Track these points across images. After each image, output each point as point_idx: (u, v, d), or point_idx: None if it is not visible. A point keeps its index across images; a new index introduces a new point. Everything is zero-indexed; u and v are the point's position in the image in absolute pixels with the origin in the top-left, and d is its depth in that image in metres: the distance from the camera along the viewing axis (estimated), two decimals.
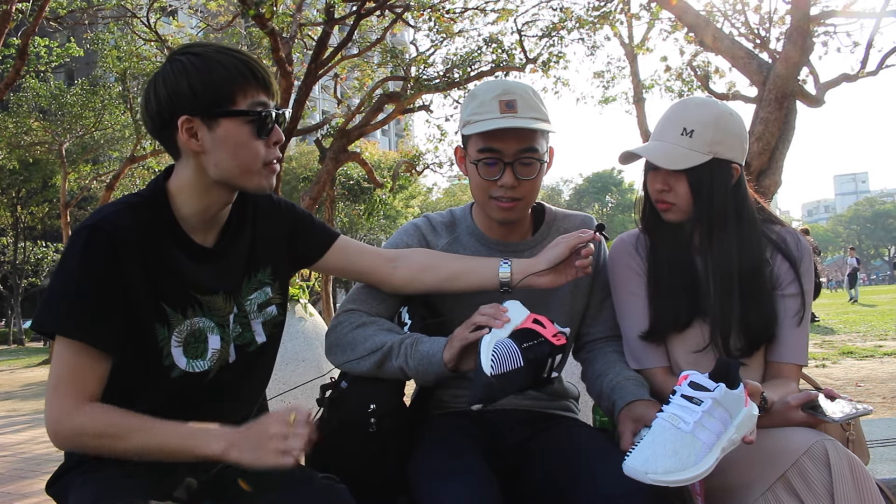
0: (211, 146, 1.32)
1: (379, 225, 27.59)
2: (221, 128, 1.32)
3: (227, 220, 1.47)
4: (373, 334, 1.59)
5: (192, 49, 1.34)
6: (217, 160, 1.33)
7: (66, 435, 1.26)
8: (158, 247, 1.34)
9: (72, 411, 1.25)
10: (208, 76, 1.30)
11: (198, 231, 1.40)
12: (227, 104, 1.31)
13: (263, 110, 1.34)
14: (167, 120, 1.32)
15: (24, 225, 26.69)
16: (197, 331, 1.38)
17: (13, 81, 9.84)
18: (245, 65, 1.32)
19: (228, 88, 1.31)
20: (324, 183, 12.03)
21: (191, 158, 1.35)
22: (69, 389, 1.26)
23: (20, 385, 11.02)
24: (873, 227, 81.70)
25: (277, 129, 1.38)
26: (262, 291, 1.50)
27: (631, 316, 1.71)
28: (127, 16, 13.32)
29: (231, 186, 1.38)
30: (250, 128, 1.33)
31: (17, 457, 4.90)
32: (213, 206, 1.40)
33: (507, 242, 1.73)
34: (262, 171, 1.37)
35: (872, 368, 6.83)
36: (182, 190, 1.37)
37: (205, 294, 1.39)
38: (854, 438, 1.66)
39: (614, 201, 60.58)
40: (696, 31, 7.56)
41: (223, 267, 1.44)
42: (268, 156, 1.37)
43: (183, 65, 1.31)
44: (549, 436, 1.64)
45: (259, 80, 1.34)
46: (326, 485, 1.33)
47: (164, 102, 1.31)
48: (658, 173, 1.64)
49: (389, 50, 12.72)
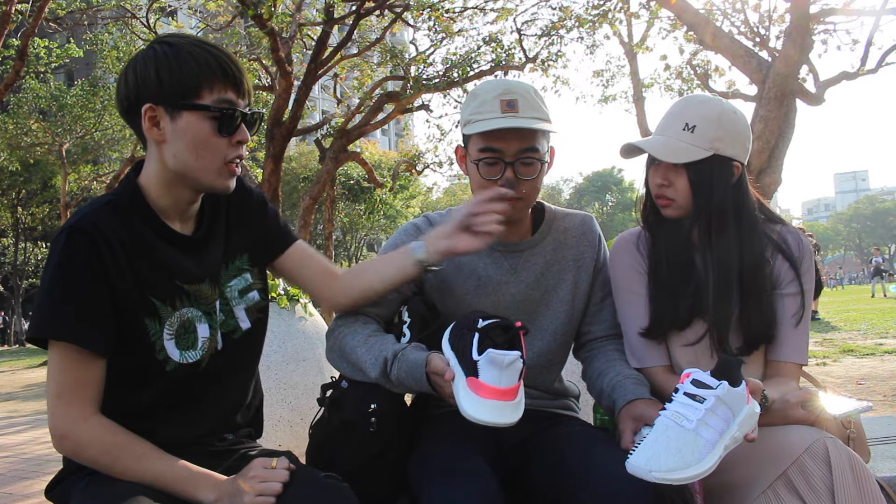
0: (171, 137, 1.32)
1: (379, 224, 27.61)
2: (183, 120, 1.31)
3: (201, 208, 1.47)
4: (365, 352, 1.56)
5: (169, 39, 1.34)
6: (176, 151, 1.33)
7: (70, 446, 1.28)
8: (140, 240, 1.34)
9: (79, 422, 1.26)
10: (177, 67, 1.30)
11: (174, 220, 1.41)
12: (192, 97, 1.31)
13: (228, 108, 1.33)
14: (133, 105, 1.32)
15: (24, 226, 26.72)
16: (186, 321, 1.39)
17: (13, 82, 9.85)
18: (216, 60, 1.32)
19: (194, 82, 1.30)
20: (324, 183, 12.04)
21: (153, 148, 1.35)
22: (72, 398, 1.26)
23: (21, 386, 11.02)
24: (873, 225, 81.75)
25: (243, 129, 1.37)
26: (242, 278, 1.50)
27: (632, 314, 1.70)
28: (126, 16, 13.31)
29: (190, 182, 1.37)
30: (212, 124, 1.32)
31: (18, 458, 4.90)
32: (181, 199, 1.40)
33: (507, 242, 1.73)
34: (221, 170, 1.36)
35: (873, 366, 6.82)
36: (150, 182, 1.38)
37: (191, 283, 1.40)
38: (855, 436, 1.65)
39: (614, 200, 60.56)
40: (696, 30, 7.56)
41: (204, 254, 1.44)
42: (228, 155, 1.36)
43: (155, 53, 1.31)
44: (549, 435, 1.64)
45: (228, 78, 1.33)
46: (330, 483, 1.33)
47: (131, 87, 1.32)
48: (658, 168, 1.65)
49: (389, 49, 12.72)
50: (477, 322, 1.40)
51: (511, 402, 1.33)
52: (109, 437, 1.27)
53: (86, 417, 1.27)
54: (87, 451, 1.27)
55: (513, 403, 1.33)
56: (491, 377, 1.32)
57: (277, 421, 3.48)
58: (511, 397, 1.33)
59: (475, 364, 1.33)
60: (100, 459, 1.27)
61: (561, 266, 1.75)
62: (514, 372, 1.34)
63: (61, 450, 1.30)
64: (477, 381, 1.32)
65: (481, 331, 1.37)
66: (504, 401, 1.32)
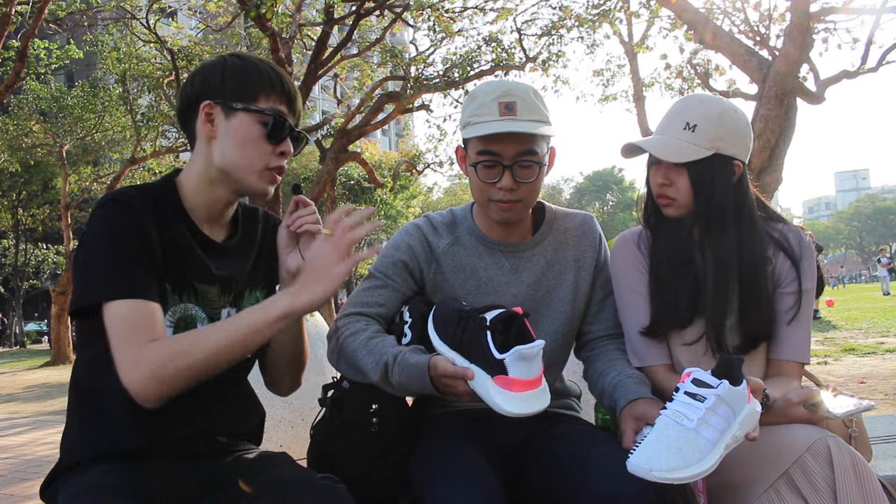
0: (222, 133, 1.41)
1: (379, 225, 27.61)
2: (237, 119, 1.40)
3: (237, 222, 1.53)
4: (365, 355, 1.54)
5: (239, 53, 1.48)
6: (223, 148, 1.41)
7: (145, 375, 1.25)
8: (168, 226, 1.39)
9: (139, 354, 1.26)
10: (242, 73, 1.42)
11: (203, 222, 1.46)
12: (249, 100, 1.41)
13: (279, 116, 1.42)
14: (193, 103, 1.42)
15: (24, 227, 26.71)
16: (188, 317, 1.40)
17: (13, 84, 9.86)
18: (278, 76, 1.45)
19: (254, 88, 1.41)
20: (324, 183, 12.05)
21: (203, 144, 1.43)
22: (131, 340, 1.27)
23: (22, 387, 11.03)
24: (874, 223, 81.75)
25: (288, 141, 1.45)
26: None
27: (633, 313, 1.70)
28: (126, 17, 13.33)
29: (231, 181, 1.43)
30: (262, 128, 1.41)
31: (19, 459, 4.90)
32: (218, 201, 1.46)
33: (508, 242, 1.73)
34: (262, 174, 1.44)
35: (875, 365, 6.82)
36: (190, 179, 1.45)
37: (202, 282, 1.43)
38: (856, 435, 1.65)
39: (615, 199, 60.59)
40: (696, 29, 7.55)
41: (226, 264, 1.47)
42: (271, 162, 1.44)
43: (224, 60, 1.44)
44: (551, 435, 1.64)
45: (284, 93, 1.44)
46: (325, 485, 1.33)
47: (196, 87, 1.43)
48: (660, 167, 1.64)
49: (389, 50, 12.74)
50: (484, 319, 1.41)
51: (542, 387, 1.37)
52: (168, 342, 1.30)
53: (144, 347, 1.27)
54: (160, 368, 1.25)
55: (542, 387, 1.37)
56: (521, 371, 1.34)
57: (278, 421, 3.48)
58: (540, 383, 1.37)
59: (501, 363, 1.35)
60: (178, 362, 1.26)
61: (562, 266, 1.75)
62: (539, 359, 1.38)
63: (141, 389, 1.26)
64: (507, 378, 1.35)
65: (491, 327, 1.39)
66: (536, 389, 1.36)
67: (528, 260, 1.73)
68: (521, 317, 1.41)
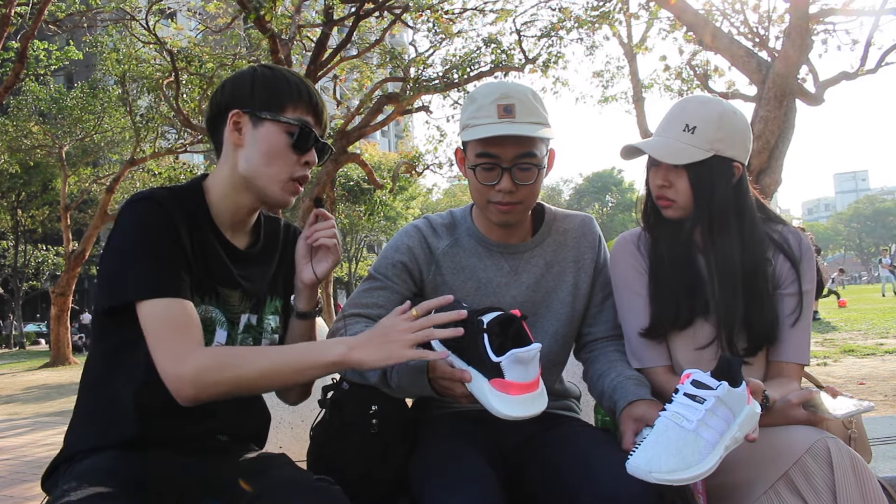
0: (249, 142, 1.44)
1: (379, 226, 27.61)
2: (264, 128, 1.43)
3: (259, 230, 1.56)
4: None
5: (270, 65, 1.52)
6: (249, 155, 1.44)
7: (191, 376, 1.26)
8: (198, 226, 1.41)
9: (186, 354, 1.28)
10: (271, 84, 1.45)
11: (227, 229, 1.48)
12: (277, 111, 1.43)
13: (305, 127, 1.45)
14: (223, 111, 1.45)
15: (24, 228, 26.70)
16: (208, 319, 1.42)
17: (12, 85, 9.86)
18: (306, 88, 1.47)
19: (282, 99, 1.44)
20: (324, 184, 12.04)
21: (229, 151, 1.46)
22: (175, 338, 1.28)
23: (21, 388, 11.02)
24: (873, 224, 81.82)
25: (313, 152, 1.48)
26: (274, 318, 1.58)
27: (632, 315, 1.70)
28: (126, 18, 13.33)
29: (254, 189, 1.45)
30: (288, 138, 1.44)
31: (19, 460, 4.90)
32: (241, 208, 1.49)
33: (507, 244, 1.73)
34: (285, 184, 1.46)
35: (874, 366, 6.82)
36: (215, 185, 1.47)
37: (224, 286, 1.45)
38: (856, 436, 1.65)
39: (614, 201, 60.58)
40: (695, 31, 7.56)
41: (249, 270, 1.50)
42: (295, 172, 1.46)
43: (254, 71, 1.48)
44: (550, 436, 1.64)
45: (312, 104, 1.47)
46: (322, 486, 1.34)
47: (226, 95, 1.46)
48: (659, 169, 1.64)
49: (388, 51, 12.74)
50: (481, 321, 1.40)
51: (539, 390, 1.36)
52: (219, 350, 1.33)
53: (193, 349, 1.28)
54: (206, 372, 1.26)
55: (539, 391, 1.37)
56: (517, 374, 1.34)
57: (278, 422, 3.47)
58: (538, 386, 1.36)
59: (497, 366, 1.34)
60: (223, 374, 1.27)
61: (561, 267, 1.75)
62: (536, 362, 1.37)
63: (184, 388, 1.27)
64: (503, 381, 1.34)
65: (488, 329, 1.38)
66: (533, 392, 1.35)
67: (527, 261, 1.73)
68: (518, 319, 1.40)
